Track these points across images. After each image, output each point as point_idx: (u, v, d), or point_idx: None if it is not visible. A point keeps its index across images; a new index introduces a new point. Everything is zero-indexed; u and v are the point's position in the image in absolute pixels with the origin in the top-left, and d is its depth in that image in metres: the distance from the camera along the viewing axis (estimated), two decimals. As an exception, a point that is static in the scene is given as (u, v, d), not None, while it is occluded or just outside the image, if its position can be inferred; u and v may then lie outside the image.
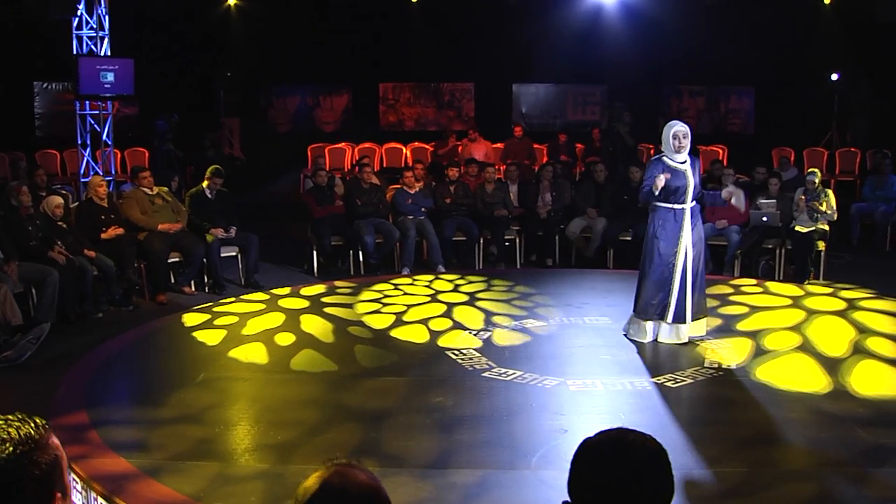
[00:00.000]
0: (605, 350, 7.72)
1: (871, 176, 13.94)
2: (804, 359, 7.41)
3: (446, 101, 18.48)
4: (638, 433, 2.10)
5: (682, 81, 18.71)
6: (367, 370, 7.20)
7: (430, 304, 9.40)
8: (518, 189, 12.94)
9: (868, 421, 5.97)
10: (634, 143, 15.38)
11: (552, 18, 16.24)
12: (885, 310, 9.03)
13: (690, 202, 7.78)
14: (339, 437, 5.72)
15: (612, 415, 6.10)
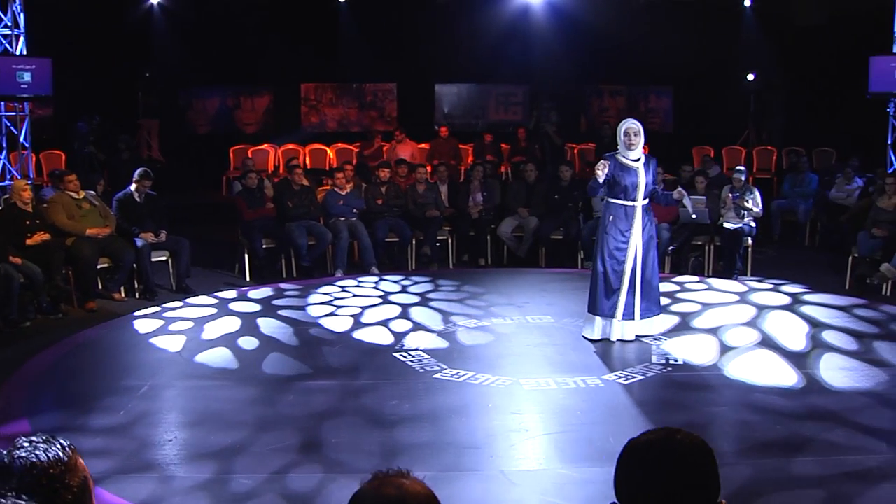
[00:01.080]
0: (553, 349, 7.74)
1: (790, 174, 14.29)
2: (768, 354, 7.57)
3: (369, 102, 18.34)
4: (685, 432, 2.08)
5: (603, 81, 18.92)
6: (317, 374, 7.08)
7: (384, 306, 9.38)
8: (448, 189, 12.92)
9: (831, 414, 6.10)
10: (562, 142, 15.50)
11: (476, 18, 16.23)
12: (827, 303, 9.31)
13: (642, 200, 7.78)
14: (292, 445, 5.58)
15: (569, 413, 6.12)
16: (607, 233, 7.79)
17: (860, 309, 9.27)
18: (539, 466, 5.23)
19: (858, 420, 5.96)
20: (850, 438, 5.64)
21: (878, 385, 6.76)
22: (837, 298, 9.76)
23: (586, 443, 5.61)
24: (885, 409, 6.22)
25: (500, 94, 18.89)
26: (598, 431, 5.82)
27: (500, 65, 17.46)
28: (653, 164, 7.93)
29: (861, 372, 7.08)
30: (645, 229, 7.79)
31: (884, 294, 10.35)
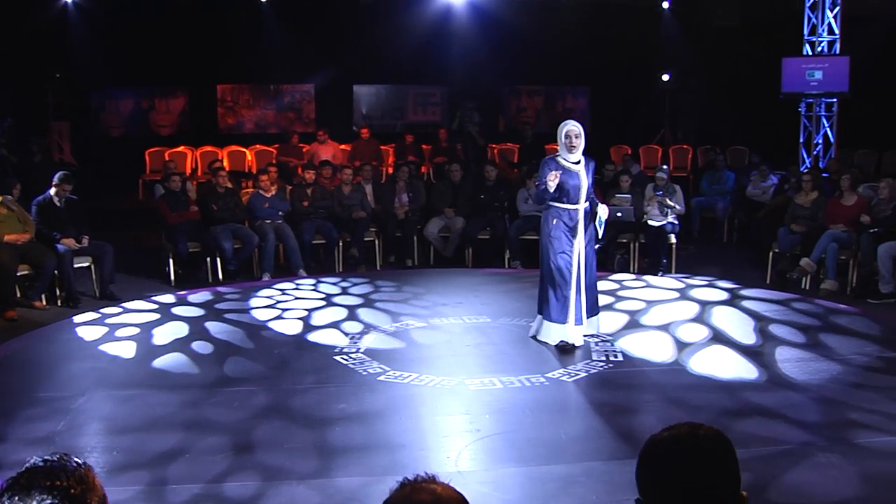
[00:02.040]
0: (493, 348, 7.75)
1: (707, 172, 14.60)
2: (720, 349, 7.71)
3: (286, 103, 18.11)
4: (706, 426, 2.09)
5: (521, 82, 19.05)
6: (259, 377, 6.92)
7: (330, 308, 9.29)
8: (372, 190, 12.86)
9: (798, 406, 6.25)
10: (485, 142, 15.55)
11: (399, 19, 16.17)
12: (764, 298, 9.54)
13: (584, 203, 7.69)
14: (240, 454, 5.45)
15: (519, 412, 6.11)
16: (552, 237, 7.64)
17: (797, 303, 9.51)
18: (496, 466, 5.21)
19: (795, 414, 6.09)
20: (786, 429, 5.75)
21: (834, 375, 6.97)
22: (774, 293, 9.99)
23: (540, 441, 5.61)
24: (818, 402, 6.37)
25: (419, 94, 18.87)
26: (550, 429, 5.83)
27: (418, 66, 17.45)
28: (592, 165, 7.86)
29: (818, 364, 7.26)
30: (587, 232, 7.74)
31: (803, 288, 10.65)
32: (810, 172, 11.86)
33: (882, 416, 5.99)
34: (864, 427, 5.81)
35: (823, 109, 15.08)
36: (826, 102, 14.99)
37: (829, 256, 10.46)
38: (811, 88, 14.60)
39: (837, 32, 14.61)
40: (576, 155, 7.70)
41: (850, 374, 7.01)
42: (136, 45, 15.77)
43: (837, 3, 14.45)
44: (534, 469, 5.13)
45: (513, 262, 12.08)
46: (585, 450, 5.53)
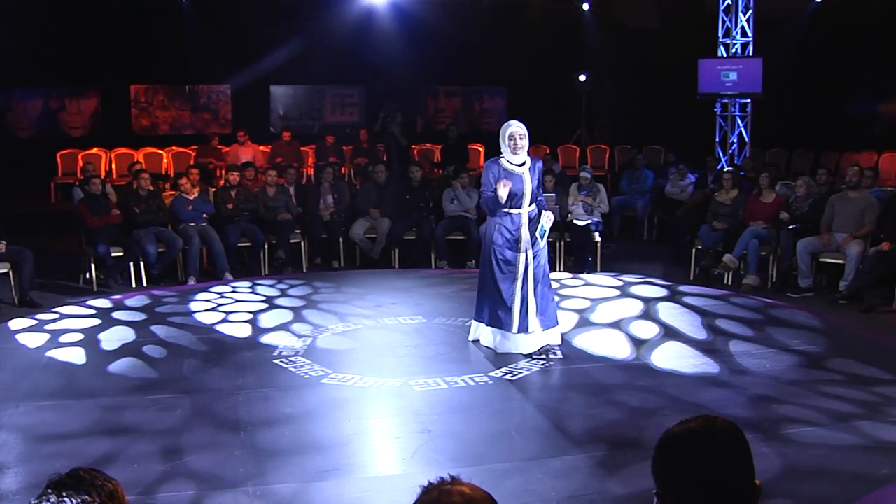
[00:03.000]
0: (433, 348, 7.72)
1: (627, 171, 14.84)
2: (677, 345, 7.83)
3: (202, 104, 17.77)
4: (721, 419, 2.12)
5: (439, 82, 19.08)
6: (197, 383, 6.76)
7: (275, 310, 9.19)
8: (296, 191, 12.72)
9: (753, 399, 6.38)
10: (408, 143, 15.52)
11: (321, 20, 16.01)
12: (703, 294, 9.75)
13: (529, 206, 7.40)
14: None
15: (467, 411, 6.11)
16: (494, 243, 7.36)
17: (736, 298, 9.74)
18: (452, 465, 5.17)
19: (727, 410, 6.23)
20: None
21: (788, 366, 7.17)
22: (711, 289, 10.21)
23: (492, 439, 5.61)
24: (744, 397, 6.52)
25: (336, 95, 18.74)
26: (500, 427, 5.84)
27: (336, 66, 17.31)
28: (538, 167, 7.53)
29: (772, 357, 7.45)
30: (533, 236, 7.42)
31: (726, 283, 10.91)
32: (730, 171, 12.14)
33: (810, 408, 6.16)
34: (790, 420, 5.96)
35: (738, 109, 15.49)
36: (740, 103, 15.40)
37: (751, 252, 10.73)
38: (726, 89, 14.98)
39: (751, 35, 15.02)
40: (520, 156, 7.39)
41: (785, 367, 7.19)
42: (45, 43, 15.26)
43: (750, 6, 14.86)
44: (490, 468, 5.13)
45: (440, 263, 12.08)
46: (539, 447, 5.55)
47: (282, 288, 10.36)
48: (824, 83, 16.11)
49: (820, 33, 15.68)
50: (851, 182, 10.55)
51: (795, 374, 7.06)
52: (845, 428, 5.63)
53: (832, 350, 7.67)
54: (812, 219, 10.68)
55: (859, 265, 9.92)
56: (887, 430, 5.69)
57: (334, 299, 9.69)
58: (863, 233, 10.17)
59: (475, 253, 12.12)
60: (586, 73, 17.88)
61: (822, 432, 5.65)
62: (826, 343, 7.91)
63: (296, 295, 9.97)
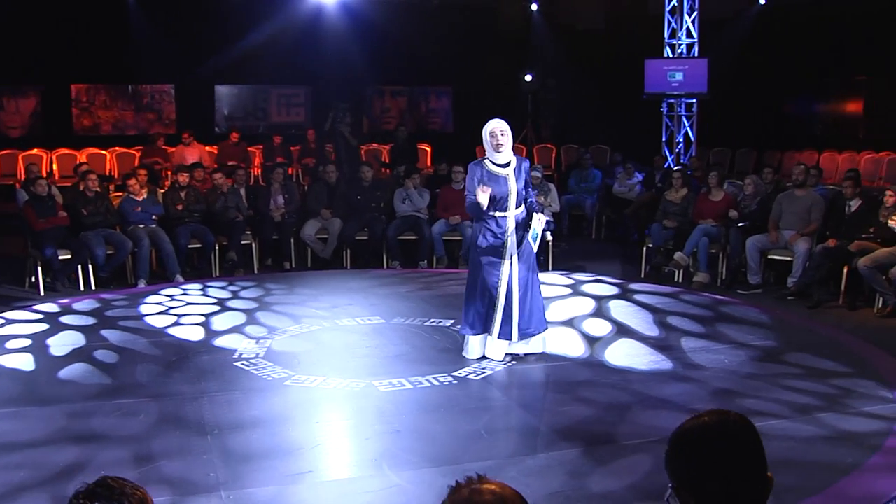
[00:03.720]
0: (394, 348, 7.70)
1: (575, 170, 14.96)
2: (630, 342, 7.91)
3: (146, 104, 17.47)
4: (734, 413, 2.15)
5: (385, 82, 19.02)
6: (162, 387, 6.64)
7: (227, 313, 9.07)
8: (246, 192, 12.60)
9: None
10: (357, 143, 15.45)
11: (264, 19, 15.84)
12: (653, 292, 9.86)
13: (515, 209, 7.07)
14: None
15: (433, 411, 6.10)
16: (479, 246, 7.07)
17: (687, 295, 9.86)
18: (424, 465, 5.17)
19: (690, 405, 6.32)
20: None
21: (744, 361, 7.28)
22: (659, 287, 10.33)
23: (462, 438, 5.62)
24: (703, 389, 6.62)
25: (282, 95, 18.57)
26: (469, 426, 5.84)
27: (281, 66, 17.14)
28: (525, 167, 7.14)
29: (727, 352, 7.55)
30: (522, 242, 7.13)
31: (677, 281, 11.06)
32: (679, 170, 12.30)
33: (772, 402, 6.28)
34: (754, 413, 6.07)
35: (684, 109, 15.71)
36: (686, 102, 15.62)
37: (701, 250, 10.89)
38: (672, 89, 15.18)
39: (696, 36, 15.25)
40: (504, 156, 7.01)
41: (742, 362, 7.31)
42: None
43: (696, 7, 15.08)
44: (464, 467, 5.10)
45: (392, 263, 12.07)
46: (509, 445, 5.58)
47: (233, 290, 10.24)
48: (767, 84, 16.44)
49: (763, 35, 15.99)
50: (798, 180, 10.76)
51: (753, 368, 7.18)
52: (808, 420, 5.74)
53: (787, 345, 7.82)
54: (760, 217, 10.87)
55: (807, 262, 10.13)
56: (849, 421, 5.83)
57: (289, 300, 9.61)
58: (809, 230, 10.39)
59: (427, 253, 12.14)
60: (532, 73, 17.98)
61: (785, 424, 5.76)
62: (779, 338, 8.07)
63: (248, 297, 9.86)
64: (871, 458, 5.21)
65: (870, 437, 5.57)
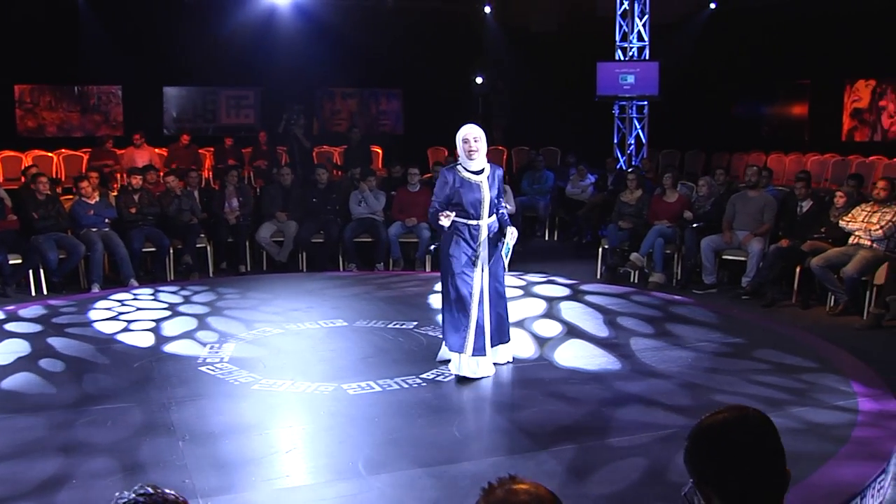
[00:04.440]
0: (359, 351, 7.66)
1: (528, 172, 15.05)
2: (579, 343, 7.95)
3: (92, 105, 17.18)
4: (752, 409, 2.20)
5: (335, 84, 18.94)
6: (129, 393, 6.51)
7: (178, 318, 8.90)
8: (199, 195, 12.48)
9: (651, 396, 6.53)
10: (311, 145, 15.37)
11: (216, 19, 15.68)
12: (603, 292, 9.95)
13: (488, 217, 6.82)
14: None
15: (405, 413, 6.08)
16: (451, 256, 6.81)
17: (637, 296, 9.95)
18: (402, 468, 5.15)
19: (667, 399, 6.41)
20: (666, 416, 6.05)
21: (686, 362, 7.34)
22: (612, 287, 10.43)
23: (437, 440, 5.61)
24: (683, 387, 6.71)
25: (231, 97, 18.39)
26: (442, 428, 5.84)
27: (230, 67, 16.98)
28: (499, 174, 6.92)
29: (672, 353, 7.63)
30: (493, 250, 6.91)
31: (632, 281, 11.19)
32: (634, 171, 12.44)
33: (742, 397, 6.39)
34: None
35: (635, 111, 15.89)
36: (638, 105, 15.81)
37: (656, 251, 11.03)
38: (624, 92, 15.37)
39: (647, 39, 15.44)
40: (477, 162, 6.77)
41: (704, 359, 7.42)
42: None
43: (647, 11, 15.27)
44: (441, 468, 5.13)
45: (348, 266, 12.04)
46: (484, 446, 5.60)
47: (185, 294, 10.06)
48: (715, 87, 16.71)
49: (713, 39, 16.26)
50: (751, 182, 10.97)
51: (719, 364, 7.29)
52: (779, 413, 5.84)
53: (750, 342, 7.94)
54: (714, 217, 11.06)
55: (760, 262, 10.32)
56: (819, 414, 5.97)
57: (246, 304, 9.46)
58: (763, 230, 10.59)
59: (384, 255, 12.13)
60: (483, 75, 18.06)
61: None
62: (740, 335, 8.17)
63: (199, 301, 9.71)
64: (842, 449, 5.34)
65: (838, 428, 5.70)
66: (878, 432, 5.70)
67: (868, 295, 9.34)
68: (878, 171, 13.52)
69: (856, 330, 8.96)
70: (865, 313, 9.30)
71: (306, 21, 16.44)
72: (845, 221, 9.73)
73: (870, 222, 9.50)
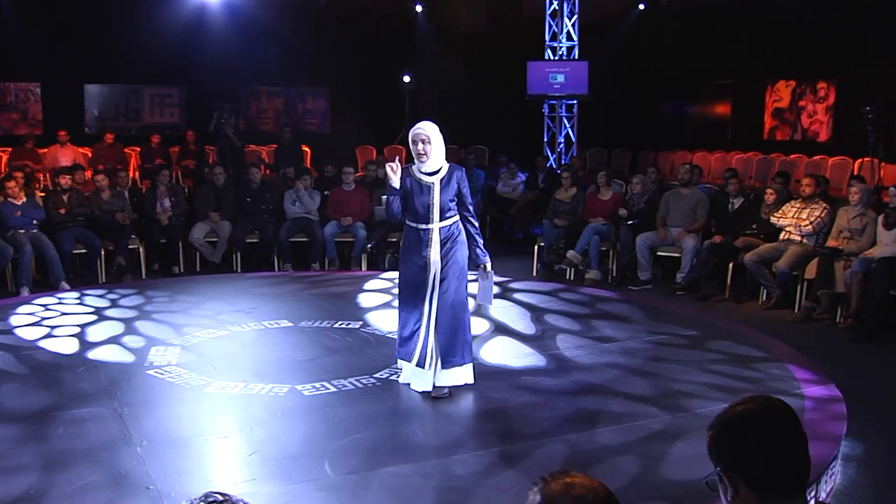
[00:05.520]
0: (310, 351, 7.61)
1: (459, 171, 15.08)
2: (508, 340, 8.03)
3: (9, 103, 16.66)
4: (774, 398, 2.26)
5: (260, 83, 18.75)
6: (76, 401, 6.34)
7: (106, 322, 8.64)
8: (129, 195, 12.23)
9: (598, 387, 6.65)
10: (242, 144, 15.17)
11: (141, 16, 15.36)
12: (532, 290, 10.04)
13: (439, 221, 6.31)
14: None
15: (365, 413, 6.07)
16: (402, 262, 6.53)
17: (565, 293, 10.07)
18: (371, 467, 5.13)
19: (625, 390, 6.52)
20: (628, 407, 6.16)
21: (618, 357, 7.45)
22: (541, 285, 10.54)
23: (400, 439, 5.62)
24: (637, 377, 6.84)
25: (155, 95, 18.03)
26: (403, 427, 5.86)
27: (154, 64, 16.63)
28: (457, 176, 6.35)
29: (596, 348, 7.75)
30: (447, 257, 6.35)
31: (568, 278, 11.34)
32: (569, 169, 12.60)
33: (699, 385, 6.59)
34: (692, 396, 6.37)
35: (564, 110, 16.08)
36: (567, 104, 16.00)
37: (592, 248, 11.20)
38: (554, 91, 15.55)
39: (576, 39, 15.64)
40: (429, 164, 6.31)
41: (653, 352, 7.59)
42: None
43: (576, 12, 15.47)
44: (410, 466, 5.14)
45: (284, 266, 11.95)
46: (447, 444, 5.60)
47: (113, 298, 9.75)
48: (642, 86, 17.02)
49: (641, 39, 16.55)
50: (683, 179, 11.20)
51: (673, 355, 7.51)
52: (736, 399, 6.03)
53: (706, 334, 8.22)
54: (648, 215, 11.26)
55: (694, 258, 10.55)
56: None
57: (171, 308, 9.24)
58: (696, 227, 10.84)
59: (319, 255, 12.06)
60: (410, 74, 18.03)
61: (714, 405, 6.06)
62: (691, 328, 8.38)
63: (128, 305, 9.44)
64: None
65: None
66: (826, 417, 5.94)
67: (799, 289, 9.64)
68: (801, 169, 13.94)
69: (788, 322, 9.26)
70: (797, 306, 9.59)
71: (234, 18, 16.25)
72: (776, 218, 10.01)
73: (799, 218, 9.80)
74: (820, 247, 9.55)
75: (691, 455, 5.22)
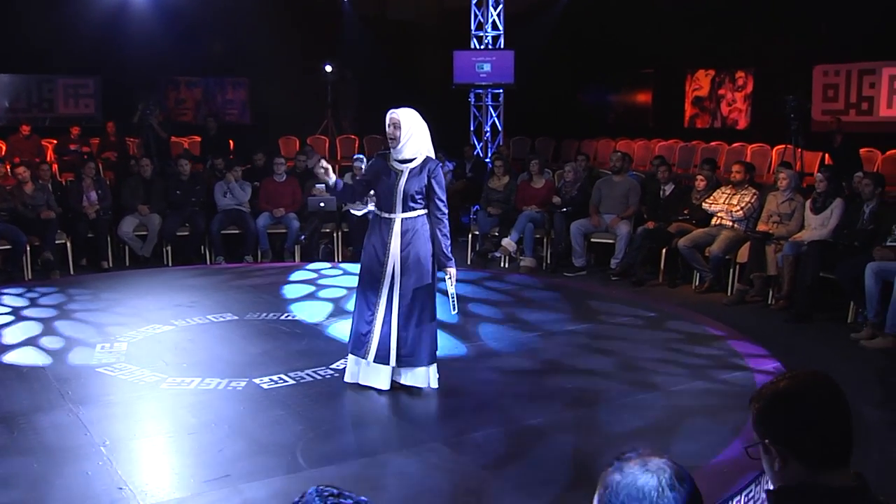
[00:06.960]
0: (260, 344, 7.53)
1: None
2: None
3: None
4: (819, 372, 2.33)
5: (179, 73, 18.41)
6: (30, 406, 6.14)
7: (22, 323, 8.33)
8: (53, 188, 11.90)
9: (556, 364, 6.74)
10: (168, 135, 14.88)
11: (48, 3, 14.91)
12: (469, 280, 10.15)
13: (402, 212, 6.05)
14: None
15: (331, 404, 6.06)
16: (364, 250, 6.31)
17: (490, 281, 10.18)
18: (348, 458, 5.12)
19: (577, 365, 6.66)
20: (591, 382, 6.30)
21: (572, 339, 7.60)
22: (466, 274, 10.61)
23: (373, 429, 5.65)
24: (593, 355, 6.99)
25: (69, 85, 17.55)
26: (370, 417, 5.87)
27: (67, 53, 16.18)
28: (430, 168, 6.06)
29: (528, 334, 7.91)
30: (406, 250, 6.08)
31: (502, 266, 11.46)
32: (500, 158, 12.70)
33: (657, 362, 6.84)
34: (654, 373, 6.64)
35: (491, 99, 16.18)
36: (493, 93, 16.11)
37: (526, 236, 11.33)
38: (481, 80, 15.62)
39: (502, 28, 15.74)
40: (403, 152, 6.06)
41: (611, 331, 7.78)
42: None
43: (500, 1, 15.57)
44: (382, 458, 5.16)
45: (216, 259, 11.79)
46: (420, 431, 5.63)
47: (32, 297, 9.40)
48: (564, 75, 17.24)
49: (564, 28, 16.75)
50: (615, 167, 11.41)
51: (635, 334, 7.81)
52: (703, 376, 6.27)
53: (662, 315, 8.52)
54: (581, 202, 11.44)
55: (628, 244, 10.77)
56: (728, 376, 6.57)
57: (109, 305, 9.01)
58: (628, 213, 11.07)
59: (252, 247, 11.93)
60: (333, 63, 17.95)
61: (685, 381, 6.40)
62: (629, 313, 8.58)
63: (47, 304, 9.10)
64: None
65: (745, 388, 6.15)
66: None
67: (731, 272, 9.93)
68: (722, 156, 14.33)
69: (723, 305, 9.53)
70: (730, 290, 9.88)
71: (151, 6, 15.90)
72: (708, 204, 10.28)
73: (730, 204, 10.08)
74: (751, 231, 9.84)
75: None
